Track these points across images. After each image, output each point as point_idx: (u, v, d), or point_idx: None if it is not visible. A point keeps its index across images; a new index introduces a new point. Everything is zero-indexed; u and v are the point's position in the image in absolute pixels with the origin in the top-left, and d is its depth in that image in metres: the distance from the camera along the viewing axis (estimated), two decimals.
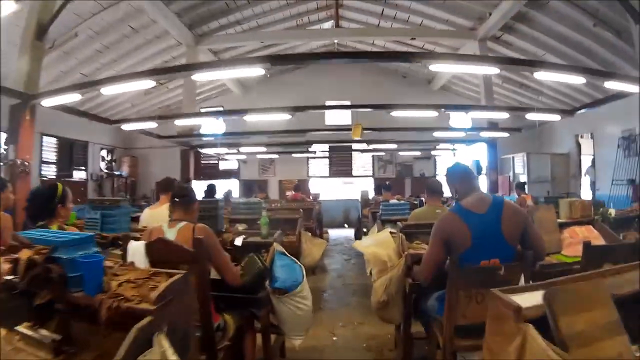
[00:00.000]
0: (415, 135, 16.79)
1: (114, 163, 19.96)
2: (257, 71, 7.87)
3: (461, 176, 3.98)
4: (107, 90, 8.76)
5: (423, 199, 9.56)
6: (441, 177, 20.26)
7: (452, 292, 3.37)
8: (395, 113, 10.79)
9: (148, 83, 8.71)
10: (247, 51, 17.20)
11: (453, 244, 3.53)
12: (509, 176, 18.11)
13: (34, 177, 13.38)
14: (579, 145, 17.08)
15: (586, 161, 16.77)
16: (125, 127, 11.37)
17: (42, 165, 15.70)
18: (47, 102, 9.32)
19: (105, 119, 13.57)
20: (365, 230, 11.99)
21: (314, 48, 19.26)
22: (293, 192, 14.56)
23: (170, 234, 3.78)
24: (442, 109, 12.54)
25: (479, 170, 17.75)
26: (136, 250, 3.64)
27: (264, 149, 17.89)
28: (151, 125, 11.19)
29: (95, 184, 18.32)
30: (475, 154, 19.89)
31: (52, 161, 16.41)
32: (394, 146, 18.06)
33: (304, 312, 4.47)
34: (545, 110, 13.17)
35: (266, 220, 5.51)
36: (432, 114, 11.92)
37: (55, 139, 16.35)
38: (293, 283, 4.42)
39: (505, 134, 14.78)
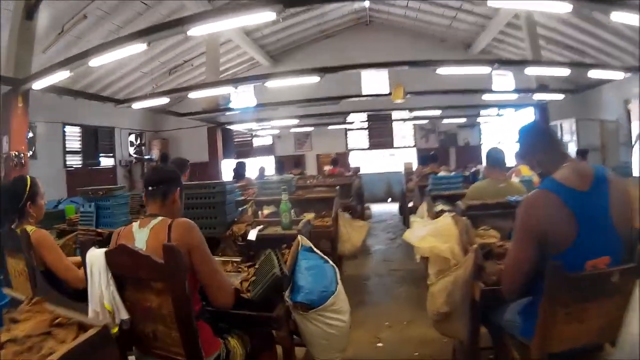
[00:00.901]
0: (459, 100, 15.49)
1: (143, 147, 19.36)
2: (267, 16, 5.93)
3: (544, 139, 2.80)
4: (98, 61, 7.44)
5: (480, 169, 8.30)
6: (489, 145, 19.11)
7: (549, 309, 2.29)
8: (441, 70, 9.30)
9: (140, 47, 6.92)
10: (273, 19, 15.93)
11: (551, 238, 2.36)
12: None
13: (58, 168, 13.78)
14: (628, 112, 15.43)
15: (636, 129, 15.03)
16: (136, 105, 10.25)
17: (67, 155, 15.21)
18: (39, 84, 8.32)
19: (112, 99, 12.74)
20: (410, 205, 10.84)
21: (344, 14, 18.41)
22: (331, 167, 13.50)
23: (140, 237, 2.67)
24: (495, 65, 11.22)
25: None
26: (94, 262, 2.61)
27: (296, 121, 16.58)
28: (163, 101, 10.01)
29: (124, 170, 17.78)
30: (523, 120, 18.30)
31: (77, 150, 15.79)
32: (437, 112, 16.46)
33: (338, 330, 3.20)
34: (609, 66, 11.89)
35: (287, 206, 4.23)
36: (482, 70, 10.38)
37: (78, 127, 15.73)
38: (322, 293, 3.14)
39: (559, 96, 13.42)
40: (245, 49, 16.97)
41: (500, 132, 20.18)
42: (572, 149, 14.41)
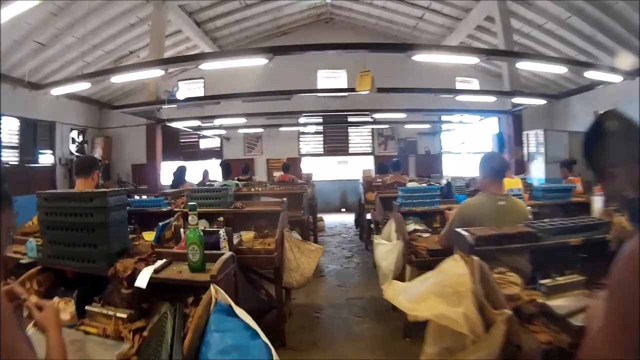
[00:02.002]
0: (422, 103, 14.64)
1: (85, 145, 17.69)
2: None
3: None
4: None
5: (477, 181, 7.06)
6: (453, 155, 18.05)
7: None
8: (418, 57, 7.70)
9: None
10: (226, 12, 15.15)
11: None
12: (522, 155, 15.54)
13: None
14: None
15: None
16: (55, 91, 8.60)
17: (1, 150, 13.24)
18: None
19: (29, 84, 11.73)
20: (369, 217, 9.57)
21: (302, 9, 17.19)
22: (281, 173, 12.09)
23: None
24: (484, 55, 9.06)
25: (502, 145, 15.09)
26: None
27: (244, 120, 14.90)
28: (84, 86, 8.37)
29: (64, 169, 16.05)
30: (487, 129, 17.91)
31: (14, 145, 13.85)
32: (400, 115, 14.99)
33: None
34: (608, 68, 10.54)
35: (197, 236, 2.67)
36: (467, 60, 8.80)
37: (17, 119, 13.78)
38: None
39: (540, 101, 12.29)
40: (196, 41, 15.56)
41: (462, 141, 19.15)
42: (540, 161, 14.04)
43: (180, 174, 9.62)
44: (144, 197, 6.71)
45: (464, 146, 19.01)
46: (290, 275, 4.92)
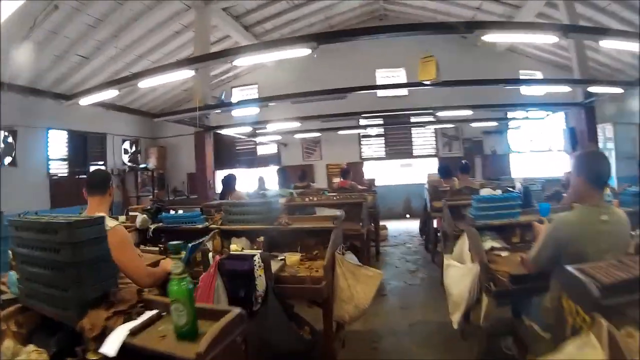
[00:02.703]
0: (488, 98, 13.21)
1: (139, 155, 17.77)
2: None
3: None
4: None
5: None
6: (520, 154, 16.81)
7: None
8: (489, 37, 6.55)
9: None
10: (275, 13, 14.52)
11: None
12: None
13: (42, 175, 13.17)
14: None
15: None
16: (83, 101, 8.01)
17: (50, 161, 13.73)
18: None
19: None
20: (436, 226, 8.78)
21: (354, 7, 16.35)
22: (340, 179, 11.25)
23: None
24: (561, 33, 8.55)
25: (575, 142, 13.83)
26: None
27: (298, 124, 13.79)
28: (112, 93, 7.72)
29: (117, 179, 15.97)
30: (555, 126, 16.69)
31: (63, 157, 14.30)
32: (466, 112, 13.51)
33: None
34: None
35: (183, 290, 1.89)
36: (543, 39, 7.83)
37: (64, 132, 14.23)
38: None
39: (618, 90, 10.85)
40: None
41: (530, 139, 17.75)
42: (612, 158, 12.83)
43: (228, 182, 8.88)
44: (180, 211, 5.98)
45: (533, 145, 17.67)
46: (342, 307, 4.06)
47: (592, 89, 10.23)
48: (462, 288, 4.19)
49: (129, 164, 16.91)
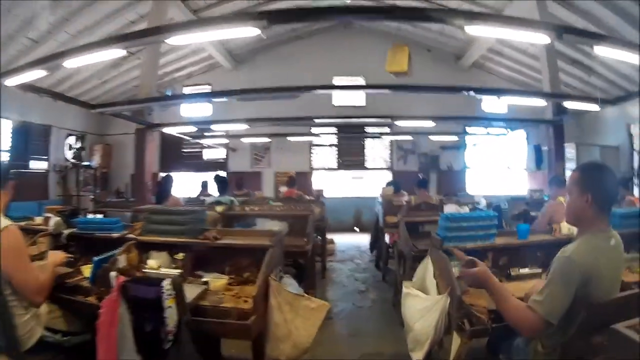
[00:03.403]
0: (449, 110, 12.96)
1: (83, 152, 16.31)
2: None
3: None
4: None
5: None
6: (474, 170, 16.33)
7: None
8: (472, 29, 5.87)
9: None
10: (237, 9, 13.34)
11: None
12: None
13: None
14: (630, 137, 13.67)
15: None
16: (9, 82, 7.01)
17: None
18: None
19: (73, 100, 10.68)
20: (388, 241, 7.96)
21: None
22: (287, 188, 10.46)
23: None
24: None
25: (540, 160, 13.32)
26: None
27: (245, 126, 12.59)
28: (38, 74, 6.78)
29: (58, 176, 14.90)
30: (515, 143, 16.64)
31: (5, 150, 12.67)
32: (425, 123, 12.31)
33: None
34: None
35: None
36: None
37: (10, 122, 12.67)
38: None
39: (593, 107, 10.13)
40: (203, 44, 14.11)
41: (489, 157, 17.37)
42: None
43: (164, 185, 7.92)
44: (99, 216, 5.07)
45: (490, 162, 17.32)
46: (278, 346, 3.20)
47: (568, 104, 9.54)
48: (426, 324, 3.40)
49: (73, 160, 15.61)
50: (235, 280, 3.70)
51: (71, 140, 15.66)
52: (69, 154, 15.49)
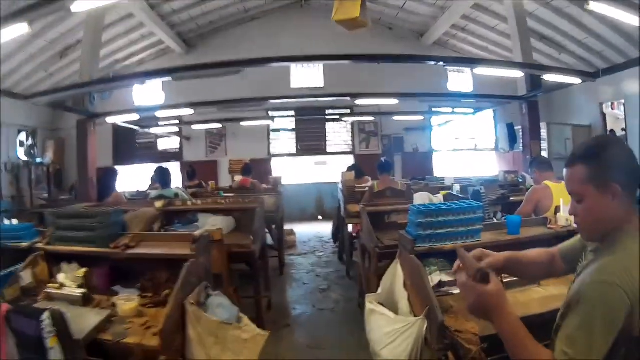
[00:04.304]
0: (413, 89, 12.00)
1: (35, 148, 15.11)
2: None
3: None
4: None
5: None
6: (441, 153, 15.69)
7: None
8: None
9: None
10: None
11: None
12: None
13: None
14: (603, 116, 13.16)
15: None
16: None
17: None
18: None
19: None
20: (352, 231, 7.43)
21: None
22: (241, 177, 9.59)
23: None
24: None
25: (514, 139, 12.65)
26: None
27: (190, 111, 11.25)
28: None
29: (10, 175, 13.67)
30: (484, 123, 16.16)
31: None
32: (389, 101, 11.47)
33: None
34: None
35: None
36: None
37: None
38: None
39: (576, 80, 9.37)
40: (152, 28, 13.14)
41: (455, 137, 16.62)
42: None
43: (106, 180, 6.97)
44: (15, 221, 4.21)
45: (457, 143, 16.58)
46: None
47: (552, 77, 8.72)
48: (396, 351, 2.61)
49: (24, 158, 14.47)
50: (151, 300, 2.86)
51: (22, 136, 14.54)
52: (21, 152, 14.38)
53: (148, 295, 2.96)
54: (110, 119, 10.60)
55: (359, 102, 10.22)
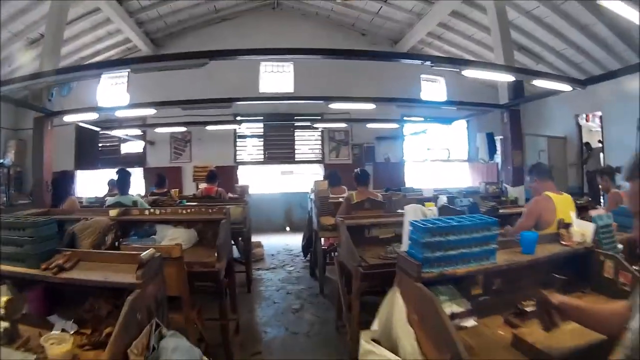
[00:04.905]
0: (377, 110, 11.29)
1: None
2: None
3: None
4: None
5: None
6: (412, 162, 15.24)
7: None
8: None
9: None
10: None
11: None
12: (498, 163, 13.34)
13: None
14: (579, 127, 13.37)
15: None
16: None
17: None
18: None
19: None
20: (326, 250, 7.04)
21: None
22: (206, 185, 8.95)
23: None
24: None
25: (494, 149, 12.26)
26: None
27: (152, 110, 10.24)
28: None
29: None
30: (458, 132, 15.84)
31: None
32: (366, 107, 10.68)
33: None
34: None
35: None
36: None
37: None
38: None
39: (566, 87, 8.83)
40: (119, 25, 12.45)
41: (427, 147, 16.12)
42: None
43: (60, 185, 6.30)
44: None
45: (430, 153, 16.08)
46: None
47: (540, 82, 8.19)
48: None
49: None
50: (89, 340, 2.24)
51: None
52: None
53: (86, 333, 2.33)
54: (69, 118, 9.73)
55: (332, 106, 9.53)
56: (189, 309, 3.54)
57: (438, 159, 16.05)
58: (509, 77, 7.82)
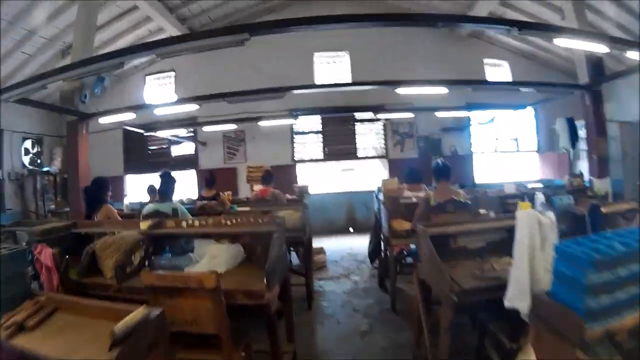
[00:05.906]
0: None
1: (42, 156, 14.38)
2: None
3: None
4: None
5: None
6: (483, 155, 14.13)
7: None
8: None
9: None
10: None
11: None
12: (570, 152, 12.23)
13: None
14: None
15: None
16: None
17: None
18: None
19: None
20: (397, 259, 6.16)
21: None
22: (261, 187, 8.16)
23: None
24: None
25: (575, 137, 11.06)
26: None
27: (197, 107, 9.75)
28: None
29: (15, 185, 13.03)
30: (524, 122, 14.72)
31: None
32: (440, 90, 9.05)
33: None
34: None
35: None
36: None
37: None
38: None
39: None
40: (159, 21, 12.08)
41: (496, 138, 14.88)
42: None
43: (95, 191, 5.59)
44: None
45: (499, 144, 14.84)
46: None
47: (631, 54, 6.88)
48: None
49: (30, 166, 13.69)
50: None
51: (28, 144, 13.78)
52: (26, 160, 13.63)
53: None
54: (104, 120, 9.08)
55: (399, 90, 8.47)
56: (231, 350, 2.73)
57: (507, 150, 14.85)
58: (604, 48, 6.58)
